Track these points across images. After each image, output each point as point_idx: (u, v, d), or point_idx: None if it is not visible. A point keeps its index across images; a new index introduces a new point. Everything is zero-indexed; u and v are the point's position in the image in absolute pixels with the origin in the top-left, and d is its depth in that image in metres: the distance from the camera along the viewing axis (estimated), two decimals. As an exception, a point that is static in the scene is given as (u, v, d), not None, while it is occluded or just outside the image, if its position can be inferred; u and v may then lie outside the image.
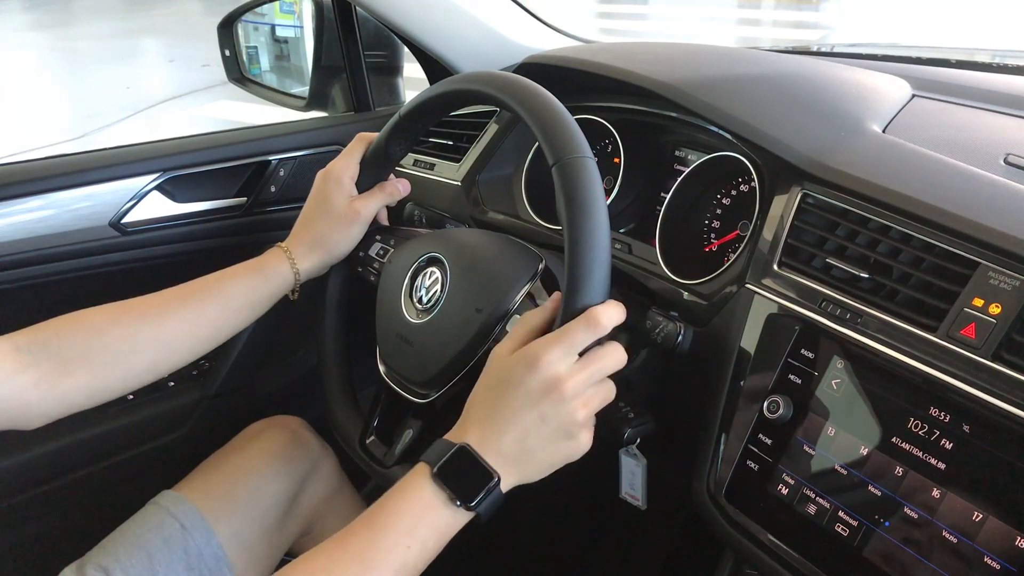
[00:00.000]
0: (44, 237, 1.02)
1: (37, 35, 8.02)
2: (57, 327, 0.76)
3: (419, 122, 0.86)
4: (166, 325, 0.80)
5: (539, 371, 0.61)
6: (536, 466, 0.63)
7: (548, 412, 0.61)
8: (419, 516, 0.60)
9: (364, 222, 0.88)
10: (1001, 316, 0.58)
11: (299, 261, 0.86)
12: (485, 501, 0.60)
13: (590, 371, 0.62)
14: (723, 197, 0.90)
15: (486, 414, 0.63)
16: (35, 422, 0.75)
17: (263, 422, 1.05)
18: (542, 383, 0.61)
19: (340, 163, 0.88)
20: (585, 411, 0.62)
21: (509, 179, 1.06)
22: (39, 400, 0.74)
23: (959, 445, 0.58)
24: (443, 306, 0.77)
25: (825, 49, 1.21)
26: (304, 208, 0.89)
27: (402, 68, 1.37)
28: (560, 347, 0.61)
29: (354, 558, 0.58)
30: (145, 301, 0.81)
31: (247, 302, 0.84)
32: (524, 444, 0.61)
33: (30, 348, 0.73)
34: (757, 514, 0.69)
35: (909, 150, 0.73)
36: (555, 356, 0.61)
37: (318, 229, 0.87)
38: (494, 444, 0.61)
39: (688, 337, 0.77)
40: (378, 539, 0.58)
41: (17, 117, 5.39)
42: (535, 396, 0.61)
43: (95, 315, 0.78)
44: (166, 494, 0.92)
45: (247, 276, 0.84)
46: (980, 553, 0.56)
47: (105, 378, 0.77)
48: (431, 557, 0.60)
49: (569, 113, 0.68)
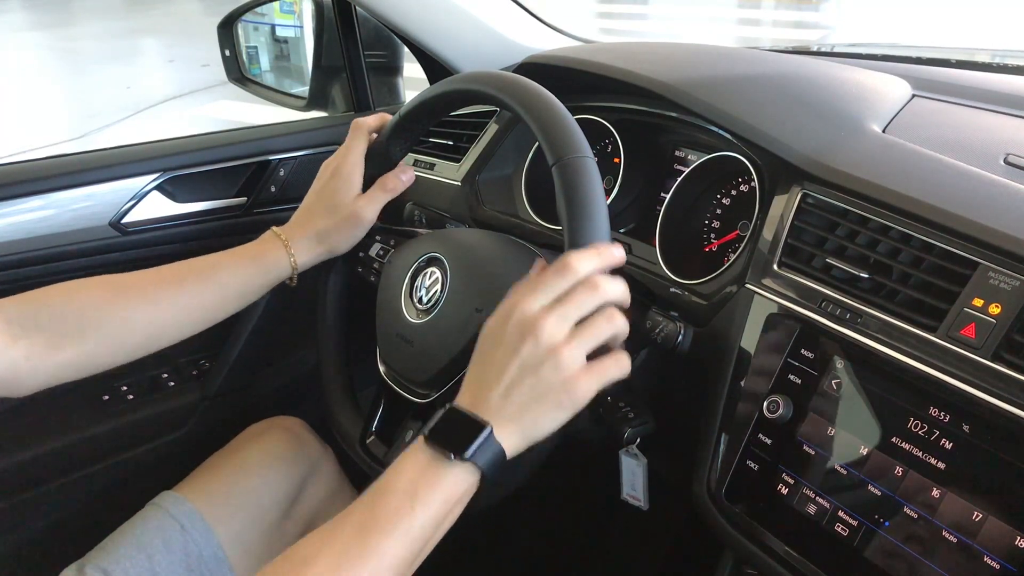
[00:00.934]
0: (44, 237, 1.02)
1: (37, 35, 8.02)
2: (47, 298, 0.76)
3: (419, 122, 0.86)
4: (160, 306, 0.80)
5: (512, 318, 0.60)
6: (533, 420, 0.59)
7: (528, 358, 0.59)
8: (417, 478, 0.58)
9: (368, 224, 0.87)
10: (1001, 316, 0.58)
11: (298, 253, 0.85)
12: (481, 452, 0.57)
13: (566, 308, 0.59)
14: (723, 197, 0.90)
15: (474, 378, 0.62)
16: (25, 391, 0.75)
17: (263, 423, 1.05)
18: (516, 329, 0.59)
19: (350, 160, 0.86)
20: (570, 351, 0.59)
21: (509, 179, 1.06)
22: (30, 372, 0.74)
23: (959, 445, 0.58)
24: (443, 306, 0.77)
25: (825, 49, 1.21)
26: (307, 199, 0.88)
27: (402, 68, 1.37)
28: (531, 292, 0.60)
29: (355, 525, 0.56)
30: (140, 280, 0.80)
31: (243, 290, 0.84)
32: (513, 397, 0.59)
33: (20, 321, 0.73)
34: (757, 514, 0.69)
35: (909, 150, 0.73)
36: (527, 302, 0.60)
37: (321, 225, 0.86)
38: (483, 402, 0.60)
39: (688, 337, 0.77)
40: (379, 505, 0.57)
41: (17, 117, 5.39)
42: (513, 344, 0.59)
43: (88, 291, 0.77)
44: (166, 495, 0.92)
45: (245, 265, 0.84)
46: (980, 553, 0.55)
47: (97, 354, 0.77)
48: (441, 522, 0.58)
49: (569, 113, 0.68)
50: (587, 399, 0.60)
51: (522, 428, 0.59)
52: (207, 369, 1.23)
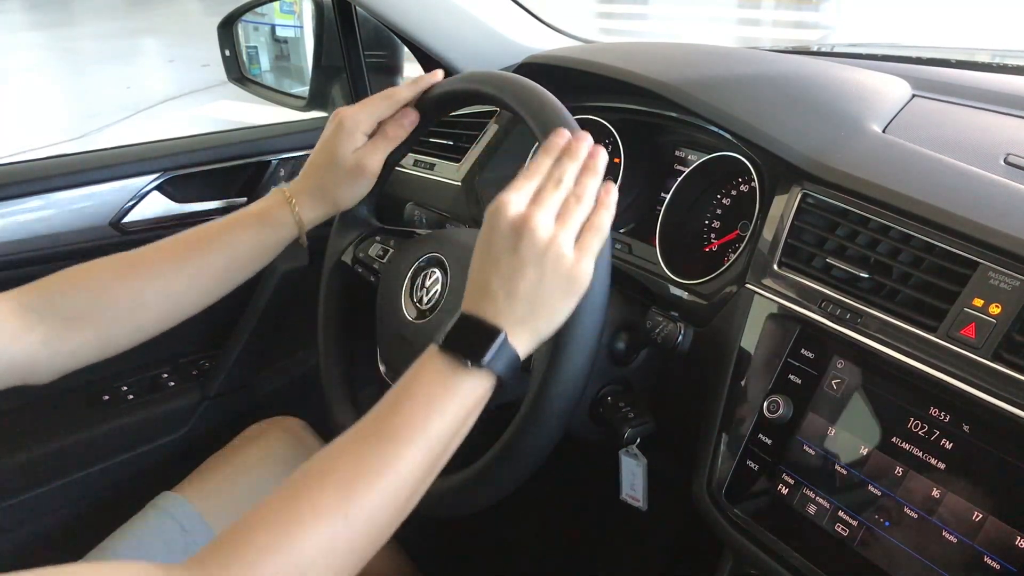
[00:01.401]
0: (44, 237, 1.02)
1: (37, 35, 8.02)
2: (62, 283, 0.75)
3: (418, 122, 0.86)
4: (173, 279, 0.78)
5: (502, 216, 0.60)
6: (544, 314, 0.60)
7: (528, 256, 0.59)
8: (433, 385, 0.58)
9: (372, 175, 0.83)
10: (1001, 316, 0.58)
11: (303, 211, 0.82)
12: (497, 358, 0.58)
13: (550, 193, 0.61)
14: (723, 197, 0.90)
15: (477, 286, 0.62)
16: (45, 377, 0.74)
17: (263, 423, 1.05)
18: (509, 225, 0.60)
19: (357, 115, 0.82)
20: (564, 238, 0.60)
21: (509, 179, 1.05)
22: (49, 357, 0.73)
23: (959, 445, 0.58)
24: (443, 306, 0.77)
25: (825, 49, 1.21)
26: (312, 154, 0.85)
27: (402, 68, 1.37)
28: (515, 187, 0.61)
29: (372, 435, 0.56)
30: (150, 254, 0.79)
31: (253, 253, 0.82)
32: (520, 297, 0.59)
33: (35, 306, 0.72)
34: (757, 514, 0.69)
35: (909, 150, 0.73)
36: (514, 197, 0.61)
37: (324, 179, 0.83)
38: (491, 306, 0.60)
39: (688, 337, 0.77)
40: (396, 414, 0.57)
41: (17, 117, 5.39)
42: (509, 241, 0.59)
43: (101, 271, 0.76)
44: (166, 495, 0.92)
45: (253, 225, 0.81)
46: (980, 553, 0.56)
47: (114, 335, 0.76)
48: (460, 428, 0.59)
49: (569, 112, 0.68)
50: (589, 278, 0.61)
51: (534, 327, 0.60)
52: (207, 369, 1.23)
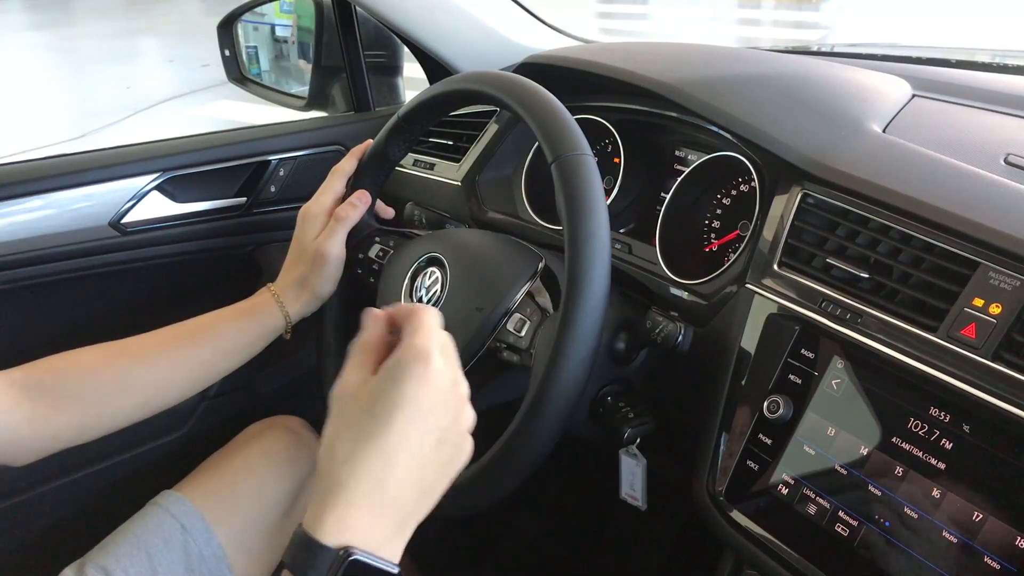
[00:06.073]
0: (44, 237, 1.02)
1: (37, 35, 8.02)
2: (52, 365, 0.77)
3: (418, 122, 0.86)
4: (158, 365, 0.81)
5: (430, 379, 0.49)
6: (432, 500, 0.51)
7: (448, 426, 0.50)
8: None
9: (335, 260, 0.86)
10: (1001, 316, 0.58)
11: (288, 303, 0.87)
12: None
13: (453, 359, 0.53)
14: (723, 197, 0.90)
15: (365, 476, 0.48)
16: (24, 458, 0.76)
17: (263, 422, 1.05)
18: (437, 391, 0.49)
19: (313, 206, 0.87)
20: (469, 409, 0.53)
21: (509, 179, 1.06)
22: (32, 436, 0.74)
23: (959, 445, 0.58)
24: (443, 306, 0.77)
25: (825, 49, 1.21)
26: (289, 248, 0.89)
27: (402, 68, 1.37)
28: (445, 347, 0.52)
29: None
30: (139, 341, 0.82)
31: (239, 344, 0.85)
32: (424, 483, 0.49)
33: (25, 384, 0.74)
34: (757, 514, 0.69)
35: (909, 150, 0.73)
36: (441, 360, 0.51)
37: (300, 271, 0.87)
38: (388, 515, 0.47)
39: (688, 337, 0.77)
40: None
41: (17, 117, 5.39)
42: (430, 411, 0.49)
43: (89, 354, 0.79)
44: (166, 494, 0.92)
45: (239, 319, 0.85)
46: (980, 553, 0.56)
47: (96, 416, 0.78)
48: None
49: (568, 111, 0.68)
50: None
51: (420, 516, 0.50)
52: (207, 369, 1.22)
